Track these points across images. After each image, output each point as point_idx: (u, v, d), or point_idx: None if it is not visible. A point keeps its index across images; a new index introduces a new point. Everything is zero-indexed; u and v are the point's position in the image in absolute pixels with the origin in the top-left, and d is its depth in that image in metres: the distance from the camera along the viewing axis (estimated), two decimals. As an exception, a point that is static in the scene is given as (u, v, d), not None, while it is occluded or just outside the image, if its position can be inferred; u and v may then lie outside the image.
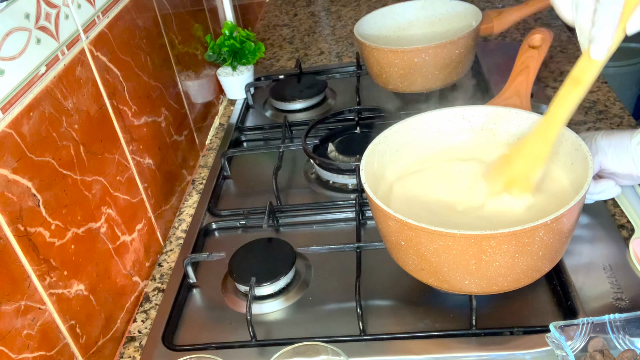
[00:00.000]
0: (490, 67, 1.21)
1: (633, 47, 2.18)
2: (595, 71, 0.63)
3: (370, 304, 0.77)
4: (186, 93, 1.12)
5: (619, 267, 0.76)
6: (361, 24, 1.16)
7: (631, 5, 0.58)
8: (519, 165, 0.73)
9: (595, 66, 0.63)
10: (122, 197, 0.84)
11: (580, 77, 0.64)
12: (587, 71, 0.63)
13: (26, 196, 0.64)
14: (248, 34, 1.29)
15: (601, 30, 0.59)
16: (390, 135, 0.81)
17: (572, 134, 0.74)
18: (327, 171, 1.01)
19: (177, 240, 0.96)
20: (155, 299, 0.86)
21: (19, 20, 0.65)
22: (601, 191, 0.78)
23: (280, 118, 1.19)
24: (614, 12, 0.58)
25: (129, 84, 0.88)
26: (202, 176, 1.10)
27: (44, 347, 0.65)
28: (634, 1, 0.58)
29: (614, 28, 0.59)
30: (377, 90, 1.18)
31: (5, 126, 0.61)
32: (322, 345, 0.62)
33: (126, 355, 0.79)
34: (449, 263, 0.65)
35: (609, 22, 0.59)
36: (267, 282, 0.80)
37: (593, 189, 0.78)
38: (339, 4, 1.75)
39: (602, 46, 0.60)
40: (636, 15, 0.58)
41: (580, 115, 1.06)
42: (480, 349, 0.70)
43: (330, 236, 0.91)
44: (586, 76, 0.64)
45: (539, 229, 0.61)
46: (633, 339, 0.64)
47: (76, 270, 0.72)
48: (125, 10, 0.90)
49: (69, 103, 0.73)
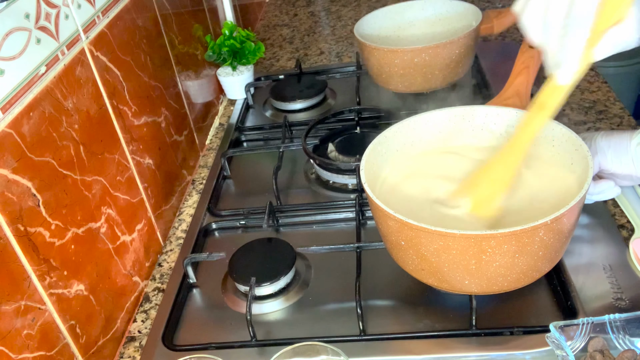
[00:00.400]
0: (490, 67, 1.21)
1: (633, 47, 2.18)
2: (560, 96, 0.62)
3: (370, 304, 0.77)
4: (186, 93, 1.12)
5: (619, 267, 0.76)
6: (361, 24, 1.16)
7: (599, 30, 0.58)
8: (484, 188, 0.72)
9: (560, 91, 0.62)
10: (122, 197, 0.84)
11: (545, 102, 0.63)
12: (553, 96, 0.63)
13: (26, 196, 0.64)
14: (248, 34, 1.29)
15: (567, 55, 0.59)
16: (390, 135, 0.81)
17: (572, 134, 0.74)
18: (327, 171, 1.01)
19: (177, 240, 0.96)
20: (155, 299, 0.86)
21: (19, 20, 0.65)
22: (601, 192, 0.78)
23: (280, 118, 1.19)
24: (581, 36, 0.58)
25: (129, 84, 0.88)
26: (202, 176, 1.10)
27: (44, 347, 0.65)
28: (603, 27, 0.57)
29: (580, 53, 0.58)
30: (377, 90, 1.18)
31: (5, 126, 0.61)
32: (322, 345, 0.62)
33: (126, 355, 0.79)
34: (449, 263, 0.65)
35: (575, 46, 0.58)
36: (267, 282, 0.80)
37: (593, 190, 0.78)
38: (339, 4, 1.75)
39: (568, 71, 0.60)
40: (604, 42, 0.58)
41: (580, 115, 1.06)
42: (480, 349, 0.70)
43: (330, 236, 0.91)
44: (551, 101, 0.63)
45: (539, 229, 0.61)
46: (633, 339, 0.64)
47: (76, 270, 0.72)
48: (125, 10, 0.90)
49: (69, 103, 0.73)
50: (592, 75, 1.17)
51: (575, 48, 0.59)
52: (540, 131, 0.67)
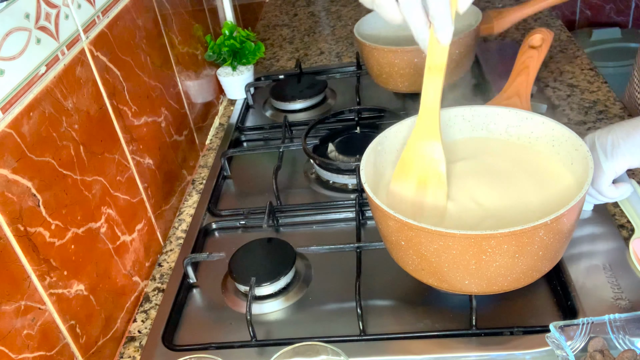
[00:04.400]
0: (490, 67, 1.21)
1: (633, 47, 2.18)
2: (446, 55, 0.67)
3: (370, 304, 0.77)
4: (186, 93, 1.12)
5: (619, 267, 0.75)
6: (361, 24, 1.16)
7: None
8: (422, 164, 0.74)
9: (446, 51, 0.67)
10: (122, 197, 0.84)
11: (437, 64, 0.68)
12: (441, 56, 0.68)
13: (26, 196, 0.64)
14: (248, 34, 1.29)
15: (441, 19, 0.64)
16: (390, 135, 0.81)
17: (572, 134, 0.74)
18: (327, 171, 1.01)
19: (177, 240, 0.96)
20: (155, 299, 0.86)
21: (19, 20, 0.65)
22: (621, 195, 0.78)
23: (280, 118, 1.19)
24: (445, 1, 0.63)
25: (129, 84, 0.88)
26: (202, 176, 1.10)
27: (44, 347, 0.65)
28: None
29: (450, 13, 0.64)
30: (377, 90, 1.18)
31: (5, 126, 0.61)
32: (322, 345, 0.62)
33: (126, 355, 0.79)
34: (449, 263, 0.65)
35: (444, 9, 0.63)
36: (267, 282, 0.80)
37: (612, 194, 0.77)
38: (339, 4, 1.75)
39: (448, 31, 0.65)
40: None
41: (580, 115, 1.06)
42: (480, 349, 0.70)
43: (330, 236, 0.91)
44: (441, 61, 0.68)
45: (539, 229, 0.61)
46: (633, 339, 0.63)
47: (76, 270, 0.72)
48: (125, 10, 0.90)
49: (69, 103, 0.73)
50: (592, 75, 1.17)
51: (444, 11, 0.63)
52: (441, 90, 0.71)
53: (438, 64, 0.68)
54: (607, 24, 2.40)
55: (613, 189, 0.76)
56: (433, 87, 0.71)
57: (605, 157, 0.75)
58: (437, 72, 0.69)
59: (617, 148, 0.74)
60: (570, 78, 1.18)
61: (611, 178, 0.75)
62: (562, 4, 2.37)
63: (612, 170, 0.75)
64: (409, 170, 0.74)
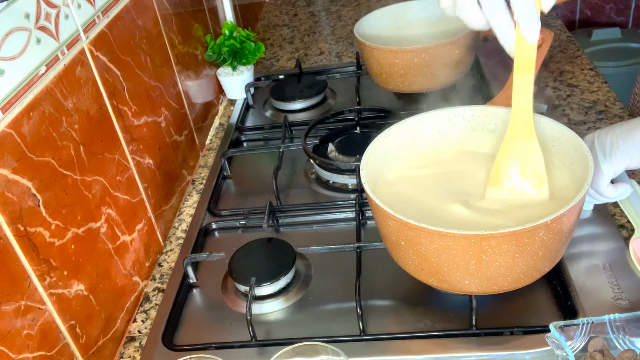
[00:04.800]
0: (490, 67, 1.21)
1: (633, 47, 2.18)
2: (535, 54, 0.67)
3: (370, 304, 0.77)
4: (186, 93, 1.12)
5: (619, 267, 0.75)
6: (361, 24, 1.16)
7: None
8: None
9: (534, 49, 0.66)
10: (122, 197, 0.84)
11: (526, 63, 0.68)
12: (530, 56, 0.67)
13: (26, 196, 0.64)
14: (248, 34, 1.29)
15: (528, 18, 0.63)
16: (390, 135, 0.81)
17: (572, 134, 0.74)
18: (327, 171, 1.01)
19: (177, 240, 0.96)
20: (155, 299, 0.86)
21: (19, 20, 0.65)
22: (619, 195, 0.78)
23: (280, 118, 1.19)
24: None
25: (129, 84, 0.88)
26: (202, 176, 1.10)
27: (44, 347, 0.65)
28: None
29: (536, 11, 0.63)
30: (377, 90, 1.18)
31: (5, 126, 0.61)
32: (322, 345, 0.62)
33: (126, 355, 0.79)
34: (449, 263, 0.65)
35: (531, 8, 0.62)
36: (267, 282, 0.80)
37: (611, 194, 0.77)
38: (339, 4, 1.75)
39: (535, 29, 0.64)
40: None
41: (580, 115, 1.06)
42: (480, 349, 0.70)
43: (330, 236, 0.91)
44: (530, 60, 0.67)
45: (539, 229, 0.61)
46: (633, 339, 0.63)
47: (76, 270, 0.72)
48: (125, 10, 0.90)
49: (69, 103, 0.73)
50: (592, 75, 1.17)
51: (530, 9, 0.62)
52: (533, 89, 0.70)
53: (527, 63, 0.68)
54: (607, 24, 2.40)
55: (611, 189, 0.77)
56: (524, 86, 0.70)
57: (604, 157, 0.75)
58: (527, 71, 0.68)
59: (616, 148, 0.74)
60: (570, 78, 1.18)
61: (609, 178, 0.75)
62: (562, 4, 2.37)
63: (611, 170, 0.75)
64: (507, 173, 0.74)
